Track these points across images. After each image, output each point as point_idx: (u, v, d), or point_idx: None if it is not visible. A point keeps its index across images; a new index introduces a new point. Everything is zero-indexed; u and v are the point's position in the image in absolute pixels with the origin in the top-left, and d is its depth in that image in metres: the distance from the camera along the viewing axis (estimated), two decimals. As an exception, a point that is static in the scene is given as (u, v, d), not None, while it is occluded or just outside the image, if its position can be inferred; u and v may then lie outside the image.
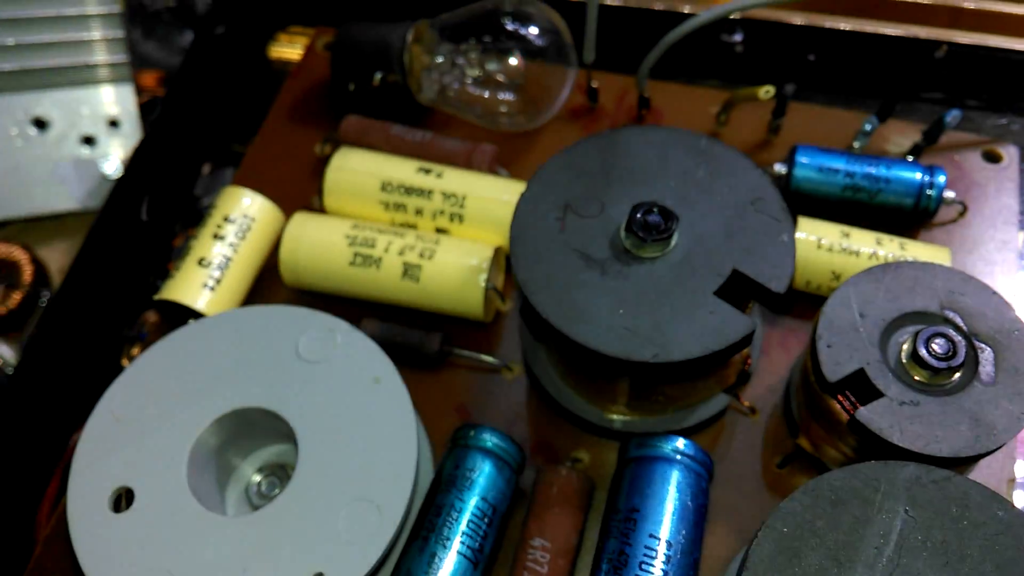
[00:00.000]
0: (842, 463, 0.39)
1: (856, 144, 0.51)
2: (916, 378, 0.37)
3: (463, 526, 0.36)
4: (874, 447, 0.36)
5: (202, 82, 0.60)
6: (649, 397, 0.40)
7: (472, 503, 0.37)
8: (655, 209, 0.37)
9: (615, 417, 0.42)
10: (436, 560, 0.35)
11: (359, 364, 0.40)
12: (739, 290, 0.37)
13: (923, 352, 0.36)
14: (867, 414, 0.36)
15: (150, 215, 0.55)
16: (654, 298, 0.36)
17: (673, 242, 0.37)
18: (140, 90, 0.72)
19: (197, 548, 0.36)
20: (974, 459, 0.35)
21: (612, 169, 0.40)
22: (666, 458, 0.38)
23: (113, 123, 0.75)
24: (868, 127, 0.51)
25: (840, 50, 0.57)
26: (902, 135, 0.52)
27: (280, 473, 0.41)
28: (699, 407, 0.42)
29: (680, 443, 0.38)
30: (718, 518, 0.40)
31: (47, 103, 0.76)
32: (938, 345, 0.36)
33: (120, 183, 0.55)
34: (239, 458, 0.41)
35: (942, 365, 0.36)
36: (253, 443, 0.41)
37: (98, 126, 0.77)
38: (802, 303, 0.45)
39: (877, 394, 0.36)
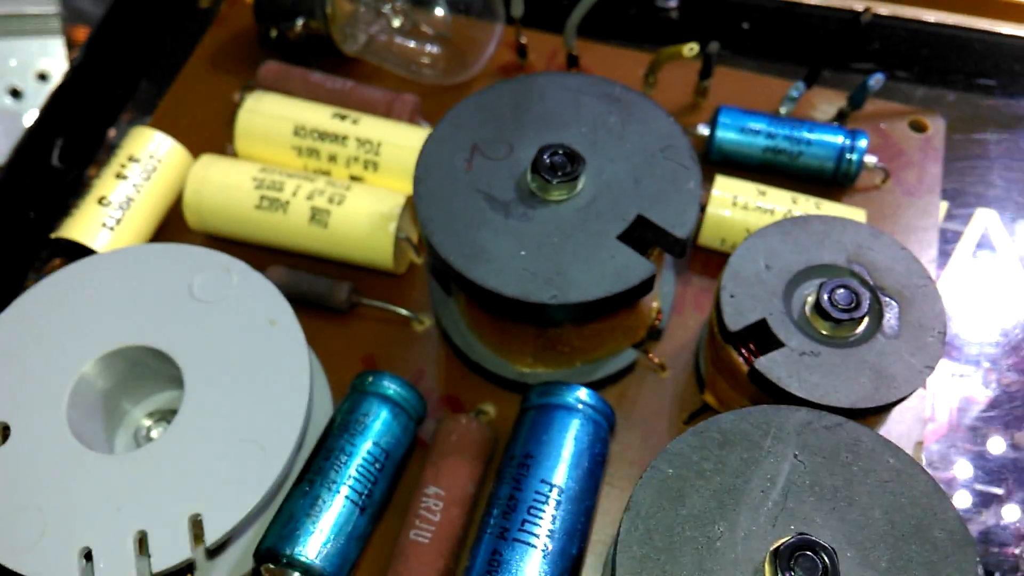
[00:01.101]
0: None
1: (783, 109, 0.51)
2: (819, 330, 0.36)
3: (352, 470, 0.35)
4: (774, 398, 0.35)
5: (126, 28, 0.58)
6: (555, 347, 0.40)
7: (364, 448, 0.36)
8: (561, 151, 0.36)
9: (523, 370, 0.41)
10: (320, 503, 0.34)
11: (255, 306, 0.38)
12: (643, 236, 0.36)
13: (825, 303, 0.36)
14: (766, 363, 0.35)
15: (63, 160, 0.53)
16: (557, 241, 0.35)
17: (579, 186, 0.36)
18: (72, 44, 0.70)
19: (70, 486, 0.34)
20: (873, 411, 0.34)
21: (524, 113, 0.39)
22: (566, 406, 0.37)
23: (42, 76, 0.73)
24: (795, 93, 0.51)
25: (773, 20, 0.56)
26: (829, 102, 0.52)
27: (171, 418, 0.39)
28: (607, 361, 0.41)
29: (582, 392, 0.37)
30: (621, 472, 0.40)
31: (-29, 51, 0.73)
32: (841, 296, 0.36)
33: (34, 127, 0.53)
34: (130, 403, 0.40)
35: (844, 316, 0.35)
36: (145, 388, 0.40)
37: (26, 78, 0.75)
38: (716, 261, 0.45)
39: (778, 344, 0.35)
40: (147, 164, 0.45)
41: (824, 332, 0.36)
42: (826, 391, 0.34)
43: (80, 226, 0.43)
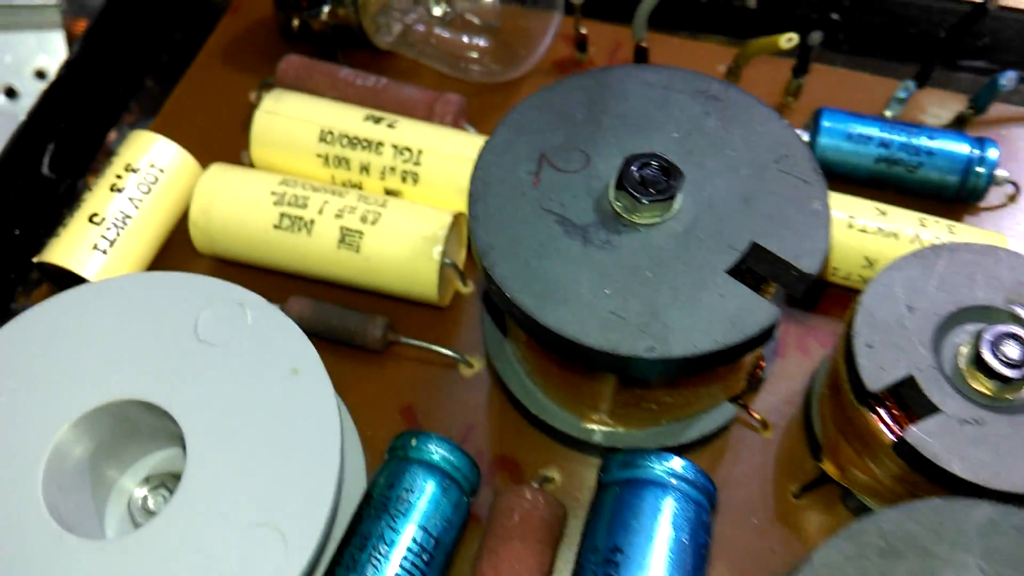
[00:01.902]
0: (874, 491, 0.31)
1: (888, 113, 0.43)
2: (979, 390, 0.29)
3: (394, 564, 0.28)
4: (925, 477, 0.28)
5: (130, 19, 0.51)
6: (639, 403, 0.32)
7: (408, 534, 0.29)
8: (654, 162, 0.29)
9: (595, 428, 0.34)
10: (354, 608, 0.27)
11: (273, 351, 0.31)
12: (758, 269, 0.29)
13: (989, 357, 0.28)
14: (919, 434, 0.28)
15: (54, 169, 0.47)
16: (650, 276, 0.28)
17: (676, 206, 0.29)
18: (73, 39, 0.63)
19: (43, 581, 0.27)
20: (1058, 497, 0.27)
21: (602, 115, 0.32)
22: (658, 482, 0.30)
23: (40, 74, 0.67)
24: (903, 93, 0.43)
25: (867, 9, 0.49)
26: (941, 105, 0.44)
27: (170, 483, 0.33)
28: (699, 418, 0.34)
29: (677, 463, 0.30)
30: (718, 559, 0.32)
31: (-36, 47, 0.67)
32: (1010, 349, 0.28)
33: (23, 130, 0.47)
34: (116, 470, 0.33)
35: (1015, 374, 0.28)
36: (136, 450, 0.33)
37: (22, 76, 0.68)
38: (826, 295, 0.38)
39: (930, 409, 0.28)
40: (147, 175, 0.38)
41: (986, 392, 0.29)
42: (997, 471, 0.27)
43: (67, 249, 0.36)
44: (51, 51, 0.67)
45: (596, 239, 0.29)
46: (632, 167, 0.29)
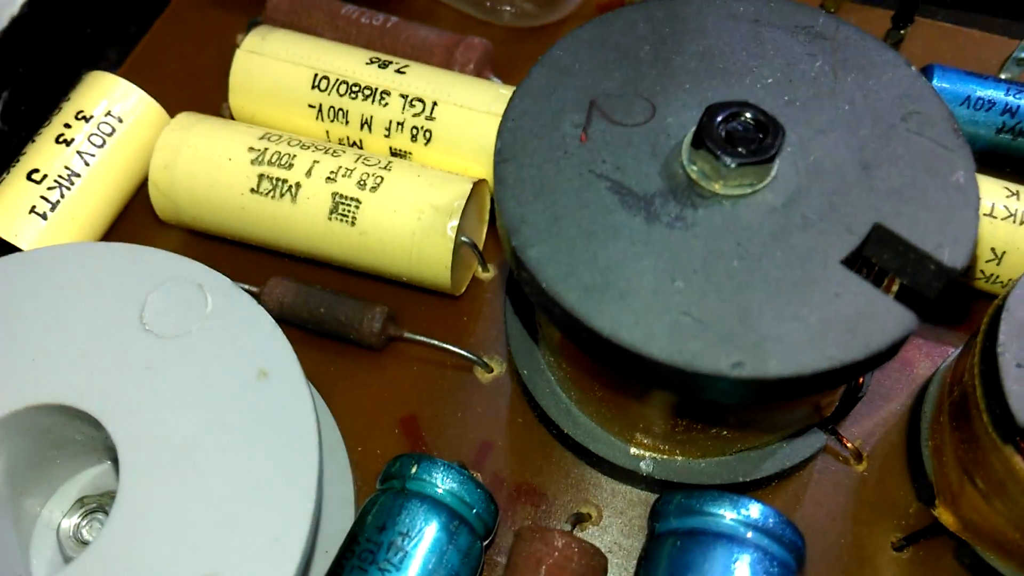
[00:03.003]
0: (999, 547, 0.24)
1: (1005, 75, 0.36)
2: None
3: (382, 636, 0.21)
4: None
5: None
6: (707, 430, 0.25)
7: (402, 594, 0.22)
8: (746, 113, 0.22)
9: (646, 454, 0.27)
10: None
11: (237, 347, 0.24)
12: (883, 261, 0.22)
13: None
14: (1097, 490, 0.20)
15: (6, 120, 0.40)
16: (737, 266, 0.21)
17: (773, 172, 0.22)
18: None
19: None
20: None
21: (674, 54, 0.25)
22: (731, 536, 0.22)
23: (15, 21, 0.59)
24: (1023, 53, 0.36)
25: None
26: (1066, 68, 0.36)
27: (106, 504, 0.26)
28: (778, 447, 0.27)
29: (755, 510, 0.23)
30: (803, 630, 0.25)
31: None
32: None
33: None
34: (37, 498, 0.26)
35: None
36: (61, 471, 0.26)
37: (-4, 22, 0.61)
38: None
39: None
40: (103, 124, 0.32)
41: None
42: None
43: (-2, 211, 0.30)
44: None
45: (664, 215, 0.22)
46: (716, 120, 0.22)
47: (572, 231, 0.22)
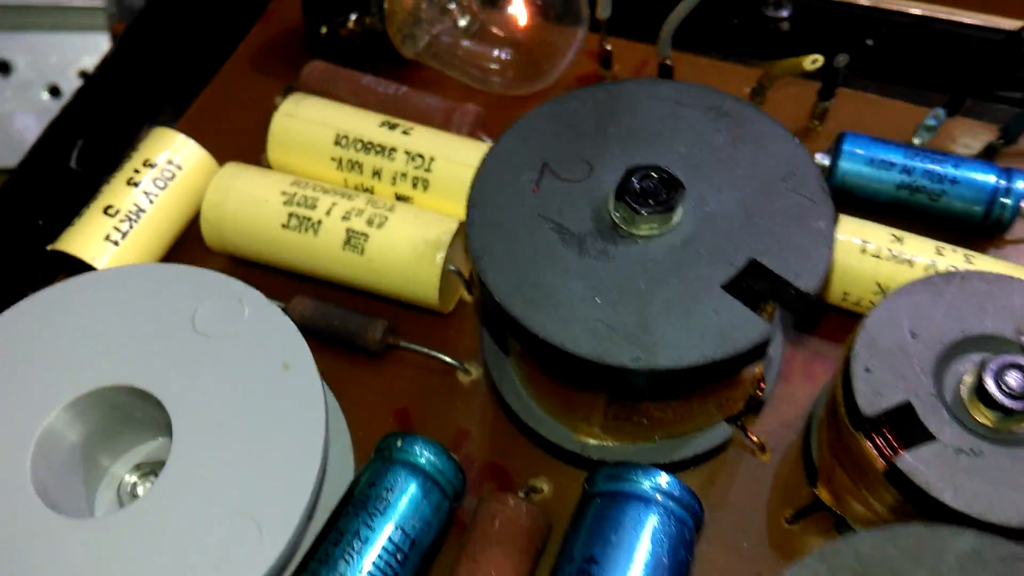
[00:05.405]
0: (868, 521, 0.30)
1: (916, 140, 0.42)
2: (980, 420, 0.28)
3: (367, 562, 0.28)
4: (918, 506, 0.27)
5: (168, 23, 0.53)
6: (630, 417, 0.32)
7: (384, 532, 0.29)
8: (655, 174, 0.29)
9: (588, 441, 0.33)
10: (323, 603, 0.27)
11: (267, 345, 0.31)
12: (756, 287, 0.28)
13: (992, 386, 0.27)
14: (911, 462, 0.27)
15: (82, 163, 0.48)
16: (643, 288, 0.28)
17: (675, 219, 0.29)
18: (118, 42, 0.64)
19: (29, 557, 0.27)
20: (1057, 537, 0.26)
21: (610, 126, 0.32)
22: (642, 497, 0.29)
23: (84, 75, 0.68)
24: (932, 121, 0.42)
25: (903, 36, 0.48)
26: (972, 136, 0.43)
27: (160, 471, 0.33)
28: (694, 438, 0.33)
29: (662, 479, 0.29)
30: (706, 580, 0.32)
31: (13, 45, 0.69)
32: (1014, 379, 0.27)
33: (55, 124, 0.48)
34: (108, 458, 0.33)
35: (1017, 405, 0.27)
36: (127, 439, 0.33)
37: (67, 76, 0.70)
38: (835, 321, 0.37)
39: (927, 436, 0.27)
40: (165, 171, 0.39)
41: (986, 423, 0.28)
42: (992, 504, 0.26)
43: (80, 239, 0.37)
44: (96, 53, 0.69)
45: (592, 249, 0.29)
46: (633, 178, 0.29)
47: (521, 260, 0.29)
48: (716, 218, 0.29)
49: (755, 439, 0.34)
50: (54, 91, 0.69)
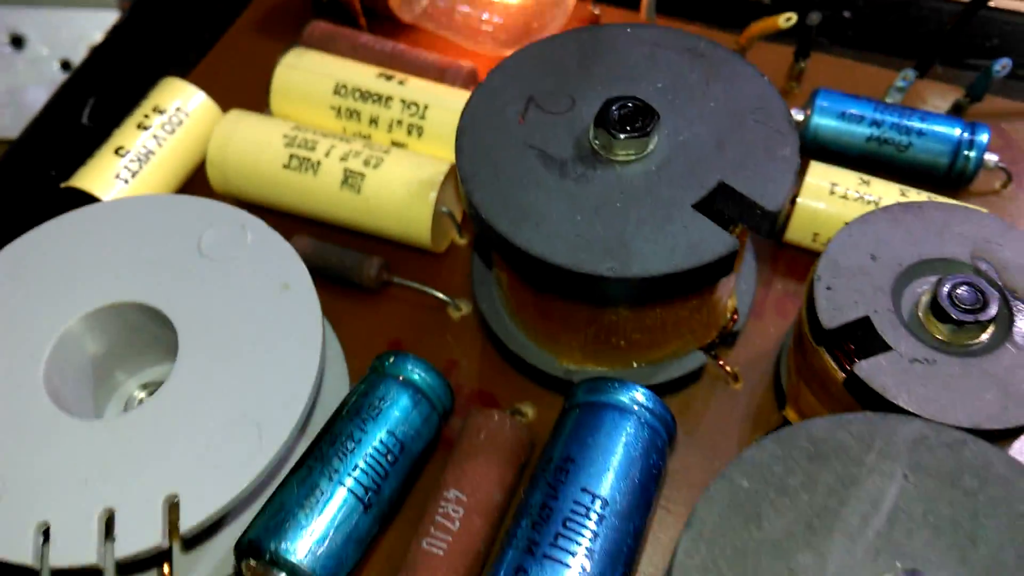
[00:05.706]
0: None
1: (888, 100, 0.44)
2: (935, 334, 0.30)
3: (359, 460, 0.30)
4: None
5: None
6: (609, 340, 0.34)
7: (376, 436, 0.31)
8: (632, 103, 0.31)
9: (571, 366, 0.35)
10: (317, 494, 0.29)
11: (268, 268, 0.33)
12: (724, 208, 0.30)
13: (944, 300, 0.29)
14: (868, 369, 0.29)
15: (93, 119, 0.50)
16: (619, 207, 0.30)
17: (651, 145, 0.31)
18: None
19: (37, 452, 0.29)
20: (999, 435, 0.28)
21: (592, 65, 0.34)
22: (618, 407, 0.31)
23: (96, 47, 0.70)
24: (903, 82, 0.44)
25: (879, 9, 0.50)
26: (941, 97, 0.45)
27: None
28: (670, 364, 0.35)
29: (638, 393, 0.31)
30: (679, 495, 0.34)
31: (27, 20, 0.71)
32: (964, 294, 0.29)
33: (67, 85, 0.50)
34: (124, 373, 0.35)
35: (967, 318, 0.29)
36: (142, 358, 0.35)
37: (78, 50, 0.72)
38: (806, 261, 0.39)
39: (883, 348, 0.29)
40: (173, 117, 0.41)
41: (940, 337, 0.30)
42: (942, 407, 0.28)
43: (92, 176, 0.39)
44: (106, 28, 0.71)
45: (572, 172, 0.31)
46: (611, 107, 0.31)
47: (506, 182, 0.31)
48: (689, 146, 0.31)
49: (728, 368, 0.36)
50: (66, 65, 0.71)
